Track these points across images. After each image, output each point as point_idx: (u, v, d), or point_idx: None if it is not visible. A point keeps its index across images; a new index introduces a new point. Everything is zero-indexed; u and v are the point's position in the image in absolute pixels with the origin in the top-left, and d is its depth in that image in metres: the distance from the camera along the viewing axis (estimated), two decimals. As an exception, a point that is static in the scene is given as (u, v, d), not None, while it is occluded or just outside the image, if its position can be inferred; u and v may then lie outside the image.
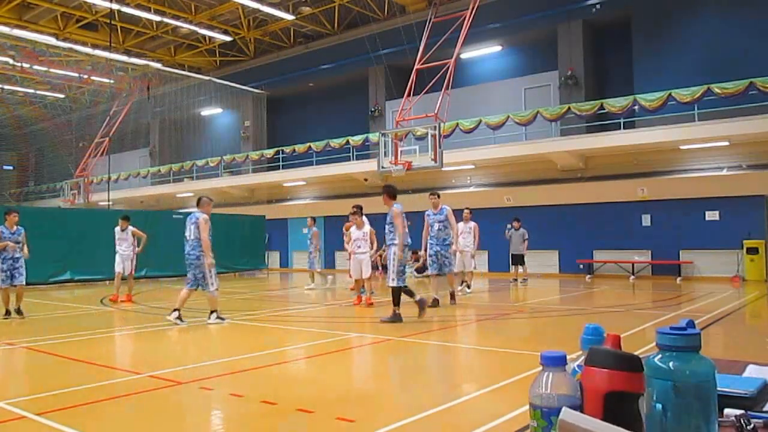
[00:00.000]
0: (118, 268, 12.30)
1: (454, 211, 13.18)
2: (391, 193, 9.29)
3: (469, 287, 13.53)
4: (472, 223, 13.77)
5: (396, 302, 8.69)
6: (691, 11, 18.31)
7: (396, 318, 8.57)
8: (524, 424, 1.01)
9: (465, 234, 13.79)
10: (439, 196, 10.95)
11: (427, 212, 10.86)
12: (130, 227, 12.39)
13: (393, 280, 8.76)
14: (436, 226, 10.57)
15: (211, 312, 8.91)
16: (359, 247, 11.07)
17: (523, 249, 16.37)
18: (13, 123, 40.44)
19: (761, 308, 11.50)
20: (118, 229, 12.33)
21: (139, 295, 13.99)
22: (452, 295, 10.85)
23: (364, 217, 11.39)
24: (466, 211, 14.07)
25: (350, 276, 11.78)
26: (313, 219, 16.69)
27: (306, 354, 7.04)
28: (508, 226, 16.53)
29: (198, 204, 9.02)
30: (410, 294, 8.87)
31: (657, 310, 10.52)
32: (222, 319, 8.92)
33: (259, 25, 25.71)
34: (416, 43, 18.93)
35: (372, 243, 11.35)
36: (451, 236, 10.66)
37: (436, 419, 4.15)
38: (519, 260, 16.47)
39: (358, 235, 11.08)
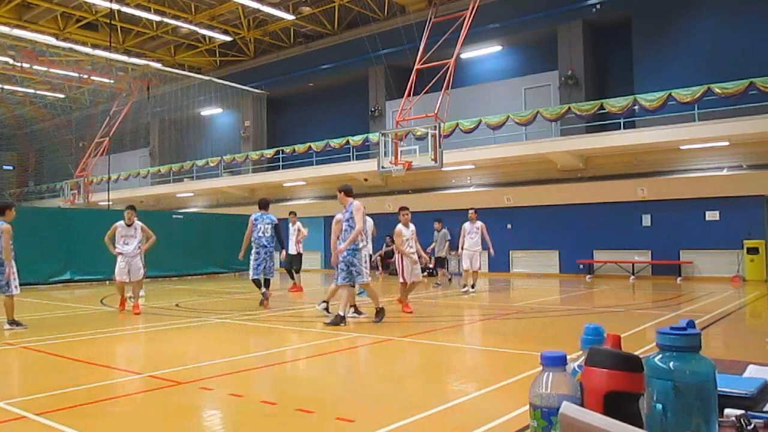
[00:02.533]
0: (122, 275, 10.05)
1: (457, 211, 13.18)
2: (262, 205, 11.11)
3: (473, 287, 13.57)
4: (479, 223, 13.68)
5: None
6: (691, 11, 18.31)
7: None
8: (524, 424, 1.01)
9: (472, 234, 13.67)
10: (347, 193, 8.80)
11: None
12: (138, 222, 10.25)
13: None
14: (343, 226, 8.69)
15: (351, 306, 9.04)
16: (410, 247, 10.17)
17: (445, 251, 15.91)
18: (14, 123, 40.45)
19: (761, 308, 11.50)
20: (121, 223, 10.10)
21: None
22: (349, 312, 8.81)
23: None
24: (471, 211, 14.02)
25: (403, 279, 10.09)
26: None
27: (306, 354, 7.03)
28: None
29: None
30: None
31: (657, 310, 10.52)
32: (354, 315, 9.08)
33: (259, 25, 25.72)
34: (416, 43, 18.92)
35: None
36: (359, 239, 8.58)
37: (436, 419, 4.15)
38: (441, 263, 16.03)
39: (407, 234, 10.18)
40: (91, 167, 29.71)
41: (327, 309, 9.28)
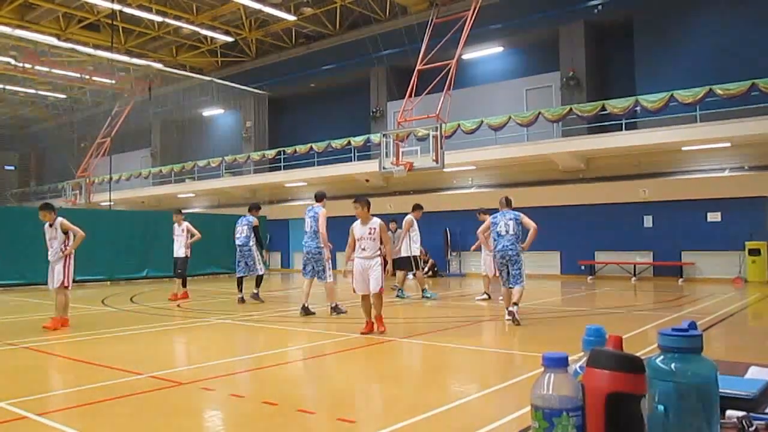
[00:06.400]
0: (49, 282, 8.79)
1: (458, 211, 12.83)
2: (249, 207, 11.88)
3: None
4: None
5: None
6: (692, 12, 18.29)
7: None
8: (526, 425, 1.01)
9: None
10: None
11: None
12: (59, 219, 8.67)
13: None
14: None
15: (513, 304, 8.67)
16: (363, 249, 7.89)
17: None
18: (15, 123, 40.55)
19: (763, 309, 11.48)
20: (46, 225, 8.69)
21: (139, 296, 13.99)
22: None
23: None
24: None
25: (353, 291, 8.14)
26: None
27: (307, 355, 7.04)
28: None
29: (508, 204, 9.47)
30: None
31: (659, 311, 10.51)
32: (511, 319, 8.57)
33: (261, 25, 25.73)
34: (418, 44, 18.92)
35: (385, 243, 8.19)
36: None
37: (437, 420, 4.14)
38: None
39: (362, 232, 7.97)
40: (92, 168, 29.74)
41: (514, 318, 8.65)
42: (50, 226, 8.62)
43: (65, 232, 8.58)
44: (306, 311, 9.68)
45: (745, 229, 16.08)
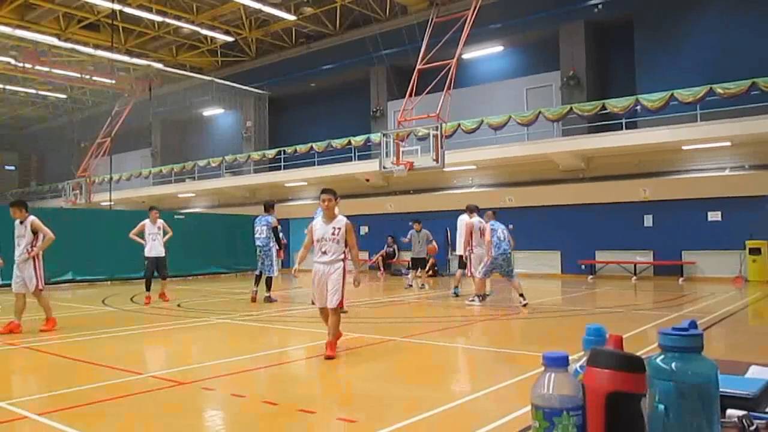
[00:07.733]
0: (13, 284, 8.30)
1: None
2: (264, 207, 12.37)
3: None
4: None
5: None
6: (693, 11, 18.28)
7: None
8: (526, 424, 1.01)
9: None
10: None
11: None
12: (31, 217, 8.32)
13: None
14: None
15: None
16: (324, 252, 6.55)
17: (425, 252, 15.72)
18: (15, 123, 40.57)
19: (764, 309, 11.48)
20: (16, 222, 8.35)
21: (139, 296, 13.98)
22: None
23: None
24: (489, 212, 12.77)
25: (313, 303, 7.05)
26: None
27: (307, 354, 7.03)
28: (410, 225, 16.05)
29: (495, 215, 11.62)
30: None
31: (659, 310, 10.51)
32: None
33: (261, 25, 25.73)
34: (418, 44, 18.91)
35: (352, 247, 6.70)
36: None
37: (438, 420, 4.14)
38: (420, 264, 15.85)
39: (324, 232, 6.61)
40: (92, 167, 29.71)
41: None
42: (21, 223, 8.29)
43: (35, 232, 8.26)
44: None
45: (745, 228, 16.07)
